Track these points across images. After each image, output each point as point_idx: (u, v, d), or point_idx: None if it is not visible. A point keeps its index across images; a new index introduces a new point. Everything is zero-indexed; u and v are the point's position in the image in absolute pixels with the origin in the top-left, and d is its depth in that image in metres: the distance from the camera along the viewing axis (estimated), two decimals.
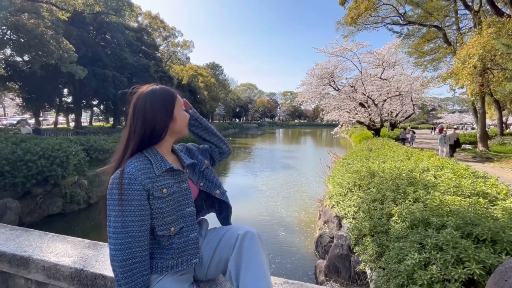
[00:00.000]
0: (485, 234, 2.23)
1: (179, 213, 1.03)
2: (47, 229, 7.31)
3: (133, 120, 1.03)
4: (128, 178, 0.94)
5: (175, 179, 1.05)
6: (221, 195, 1.23)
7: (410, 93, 17.54)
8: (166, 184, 1.01)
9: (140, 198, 0.95)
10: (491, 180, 4.05)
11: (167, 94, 1.07)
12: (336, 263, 4.11)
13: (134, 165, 0.97)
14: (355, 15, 14.48)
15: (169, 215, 1.00)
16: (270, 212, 9.09)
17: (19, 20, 13.70)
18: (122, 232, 0.91)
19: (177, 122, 1.08)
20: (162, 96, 1.05)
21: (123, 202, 0.92)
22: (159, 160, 1.03)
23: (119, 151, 1.06)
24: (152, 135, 1.03)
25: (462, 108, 73.40)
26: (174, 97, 1.08)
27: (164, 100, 1.05)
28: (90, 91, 21.91)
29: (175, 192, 1.03)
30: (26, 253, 1.50)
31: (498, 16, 10.69)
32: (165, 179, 1.02)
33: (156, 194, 0.98)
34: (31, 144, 8.93)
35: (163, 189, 0.99)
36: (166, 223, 1.00)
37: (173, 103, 1.07)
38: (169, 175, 1.04)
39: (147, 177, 0.97)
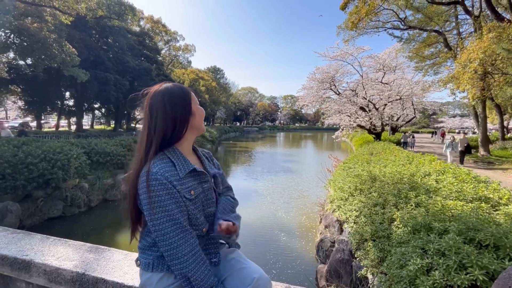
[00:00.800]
0: (487, 240, 2.22)
1: (203, 213, 1.04)
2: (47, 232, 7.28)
3: (151, 118, 1.00)
4: (158, 179, 0.91)
5: (198, 181, 1.04)
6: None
7: (411, 97, 17.56)
8: (192, 186, 1.00)
9: (177, 196, 0.93)
10: (493, 185, 4.03)
11: (183, 89, 1.07)
12: (337, 268, 4.08)
13: (160, 166, 0.94)
14: (356, 20, 14.55)
15: (200, 216, 1.02)
16: (271, 217, 9.05)
17: (23, 24, 13.84)
18: (173, 230, 0.91)
19: (196, 117, 1.07)
20: (179, 92, 1.05)
21: (165, 202, 0.91)
22: (182, 161, 1.01)
23: (140, 153, 1.02)
24: (174, 130, 1.01)
25: (463, 112, 73.37)
26: (189, 92, 1.09)
27: (181, 95, 1.05)
28: (92, 95, 22.01)
29: (200, 194, 1.03)
30: (28, 256, 1.50)
31: (498, 21, 10.73)
32: (189, 181, 1.00)
33: (186, 195, 0.97)
34: (33, 147, 8.95)
35: (190, 191, 0.99)
36: (199, 224, 1.01)
37: (190, 97, 1.07)
38: (192, 177, 1.02)
39: (175, 179, 0.95)
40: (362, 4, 13.74)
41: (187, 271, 0.91)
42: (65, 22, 15.97)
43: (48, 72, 18.23)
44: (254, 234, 7.49)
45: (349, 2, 14.65)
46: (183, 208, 0.95)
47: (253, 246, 6.85)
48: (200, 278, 0.92)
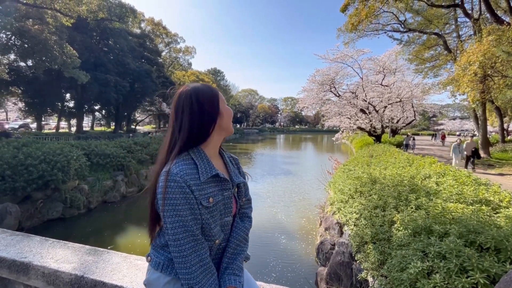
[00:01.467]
0: (488, 243, 2.21)
1: (220, 223, 0.98)
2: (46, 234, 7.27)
3: (178, 117, 0.97)
4: (176, 181, 0.86)
5: (219, 187, 0.97)
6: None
7: (411, 100, 17.58)
8: (212, 193, 0.93)
9: (192, 202, 0.88)
10: (494, 188, 4.02)
11: (211, 89, 1.03)
12: (337, 271, 4.07)
13: (181, 167, 0.89)
14: (356, 22, 14.61)
15: (215, 227, 0.94)
16: (271, 219, 9.03)
17: (24, 26, 13.89)
18: (184, 238, 0.87)
19: (224, 117, 1.01)
20: (207, 90, 1.01)
21: (180, 206, 0.86)
22: (206, 164, 0.95)
23: (163, 153, 0.98)
24: (200, 130, 0.96)
25: (463, 114, 73.41)
26: (218, 92, 1.04)
27: (209, 93, 1.00)
28: (92, 96, 22.03)
29: (219, 202, 0.96)
30: (26, 259, 1.49)
31: (498, 24, 10.77)
32: (210, 186, 0.94)
33: (204, 203, 0.90)
34: (33, 149, 8.95)
35: (209, 198, 0.92)
36: (212, 235, 0.94)
37: (218, 96, 1.02)
38: (213, 182, 0.96)
39: (195, 183, 0.89)
40: (362, 7, 13.80)
41: (193, 283, 0.87)
42: (66, 24, 16.04)
43: (49, 74, 18.27)
44: (255, 237, 7.47)
45: (349, 5, 14.71)
46: (198, 216, 0.89)
47: (254, 249, 6.83)
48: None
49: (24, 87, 19.57)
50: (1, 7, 12.79)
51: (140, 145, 15.14)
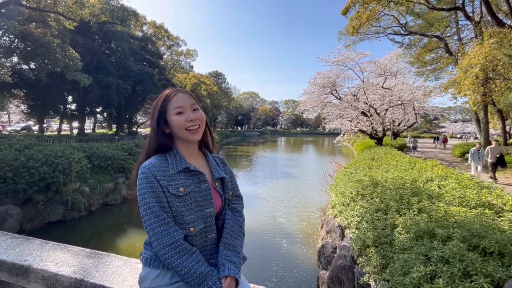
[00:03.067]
0: (492, 247, 2.19)
1: (199, 214, 1.01)
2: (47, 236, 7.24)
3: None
4: (143, 172, 0.97)
5: (193, 180, 1.03)
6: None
7: (412, 102, 17.57)
8: (183, 183, 1.00)
9: (158, 191, 0.96)
10: (497, 191, 4.00)
11: (158, 99, 1.07)
12: (339, 275, 4.03)
13: (150, 161, 1.01)
14: (357, 25, 14.66)
15: (188, 215, 0.99)
16: (272, 223, 8.99)
17: (27, 29, 14.01)
18: (155, 222, 0.94)
19: (173, 129, 1.05)
20: (156, 102, 1.07)
21: (146, 194, 0.96)
22: (177, 159, 1.03)
23: (142, 153, 1.11)
24: (158, 142, 1.05)
25: (464, 117, 73.21)
26: (165, 101, 1.05)
27: (155, 106, 1.07)
28: (94, 99, 22.13)
29: (194, 192, 1.01)
30: (26, 262, 1.48)
31: (499, 26, 10.77)
32: (181, 178, 1.01)
33: (172, 191, 0.98)
34: (34, 151, 8.97)
35: (179, 187, 0.99)
36: (185, 223, 0.98)
37: (164, 107, 1.05)
38: (186, 175, 1.03)
39: (161, 174, 0.98)
40: (363, 10, 13.85)
41: (171, 262, 0.93)
42: (69, 27, 16.16)
43: (51, 77, 18.38)
44: (256, 241, 7.42)
45: (350, 7, 14.76)
46: (165, 204, 0.96)
47: (254, 253, 6.79)
48: (186, 269, 0.92)
49: (26, 89, 19.69)
50: (5, 11, 12.91)
51: (142, 147, 15.15)
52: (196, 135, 1.05)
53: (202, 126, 1.07)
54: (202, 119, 1.07)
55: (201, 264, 0.96)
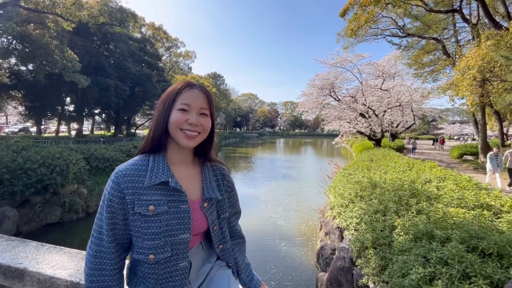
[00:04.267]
0: (491, 248, 2.18)
1: (169, 239, 0.82)
2: (44, 238, 7.16)
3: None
4: (112, 180, 0.82)
5: (170, 197, 0.85)
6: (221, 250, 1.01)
7: (411, 104, 17.63)
8: (155, 201, 0.82)
9: (115, 206, 0.81)
10: (495, 192, 4.00)
11: (174, 87, 0.91)
12: (338, 276, 4.02)
13: (128, 167, 0.84)
14: (355, 27, 14.71)
15: (151, 239, 0.80)
16: (271, 225, 8.96)
17: (25, 31, 13.98)
18: (97, 239, 0.82)
19: (169, 125, 0.88)
20: (171, 89, 0.91)
21: (104, 207, 0.82)
22: (159, 167, 0.85)
23: (139, 147, 0.96)
24: (150, 137, 0.90)
25: (462, 119, 73.59)
26: (178, 92, 0.89)
27: (168, 93, 0.90)
28: (92, 100, 22.08)
29: (166, 213, 0.82)
30: (22, 265, 1.46)
31: (496, 29, 10.84)
32: (155, 194, 0.83)
33: (138, 209, 0.80)
34: (32, 153, 8.93)
35: (149, 205, 0.81)
36: (145, 247, 0.81)
37: (173, 98, 0.88)
38: (162, 190, 0.84)
39: (132, 186, 0.81)
40: (361, 12, 13.91)
41: (88, 286, 0.83)
42: (67, 28, 16.14)
43: (49, 78, 18.33)
44: (254, 244, 7.39)
45: (349, 10, 14.82)
46: (117, 221, 0.81)
47: (253, 256, 6.77)
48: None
49: (24, 91, 19.62)
50: (3, 12, 12.88)
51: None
52: (190, 141, 0.87)
53: (202, 135, 0.90)
54: (206, 127, 0.90)
55: None
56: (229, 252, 1.04)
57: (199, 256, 0.98)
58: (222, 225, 1.01)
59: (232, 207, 1.07)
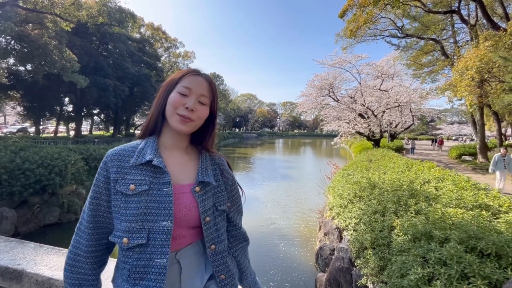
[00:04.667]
0: (489, 249, 2.19)
1: (146, 224, 0.76)
2: (43, 239, 7.12)
3: None
4: (102, 162, 0.82)
5: (152, 178, 0.80)
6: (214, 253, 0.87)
7: (409, 105, 17.68)
8: (137, 180, 0.78)
9: (100, 185, 0.81)
10: (493, 192, 4.01)
11: (181, 71, 0.90)
12: (337, 277, 4.02)
13: (119, 148, 0.84)
14: (354, 28, 14.75)
15: (128, 221, 0.76)
16: (270, 225, 8.96)
17: (24, 31, 13.95)
18: (82, 218, 0.84)
19: (166, 106, 0.85)
20: (177, 73, 0.90)
21: (92, 187, 0.83)
22: (145, 150, 0.83)
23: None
24: (148, 118, 0.90)
25: (461, 119, 73.79)
26: (183, 76, 0.87)
27: (173, 77, 0.89)
28: (91, 100, 22.05)
29: (147, 194, 0.78)
30: (20, 266, 1.46)
31: (494, 29, 10.89)
32: (138, 173, 0.79)
33: (119, 188, 0.78)
34: (30, 153, 8.90)
35: (130, 184, 0.78)
36: (121, 230, 0.77)
37: (176, 82, 0.87)
38: (146, 171, 0.80)
39: (118, 164, 0.80)
40: (360, 13, 13.94)
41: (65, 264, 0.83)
42: (66, 28, 16.11)
43: (48, 78, 18.29)
44: (253, 245, 7.34)
45: (348, 10, 14.85)
46: (101, 202, 0.81)
47: (252, 258, 6.75)
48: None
49: (23, 91, 19.57)
50: (1, 12, 12.84)
51: None
52: (183, 125, 0.83)
53: (196, 123, 0.86)
54: (202, 115, 0.86)
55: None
56: (223, 259, 0.89)
57: (195, 259, 0.86)
58: (218, 220, 0.89)
59: (232, 202, 0.97)
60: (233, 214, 0.99)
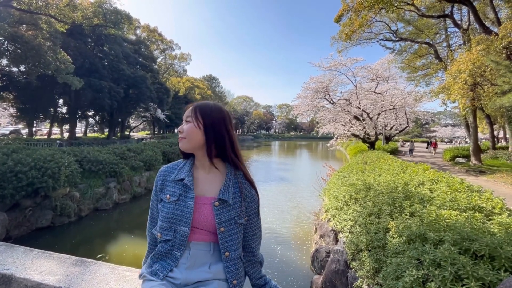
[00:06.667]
0: (483, 250, 2.21)
1: (173, 226, 1.02)
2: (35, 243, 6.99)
3: None
4: (157, 175, 1.14)
5: (182, 192, 1.05)
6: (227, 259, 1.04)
7: (404, 107, 17.86)
8: (172, 192, 1.05)
9: (155, 190, 1.13)
10: (486, 194, 4.05)
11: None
12: (332, 279, 4.02)
13: (167, 166, 1.15)
14: (349, 32, 14.88)
15: (162, 221, 1.04)
16: (266, 229, 8.91)
17: (17, 31, 13.78)
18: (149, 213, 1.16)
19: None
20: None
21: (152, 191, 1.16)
22: (183, 169, 1.10)
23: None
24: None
25: (454, 122, 74.81)
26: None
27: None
28: (85, 102, 21.84)
29: (175, 203, 1.03)
30: (9, 271, 1.43)
31: (486, 34, 11.08)
32: (174, 187, 1.06)
33: (161, 196, 1.08)
34: (23, 155, 8.76)
35: (167, 194, 1.05)
36: (159, 227, 1.06)
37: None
38: (179, 185, 1.06)
39: (163, 179, 1.10)
40: (355, 17, 14.08)
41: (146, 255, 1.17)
42: (61, 30, 15.98)
43: (42, 79, 18.08)
44: None
45: (343, 15, 15.00)
46: (155, 203, 1.13)
47: None
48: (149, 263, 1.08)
49: (16, 92, 19.32)
50: None
51: (134, 151, 14.96)
52: (180, 143, 1.08)
53: (188, 139, 1.06)
54: (188, 131, 1.06)
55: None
56: (235, 265, 1.05)
57: (203, 254, 1.04)
58: (234, 232, 1.05)
59: (249, 217, 1.12)
60: (249, 230, 1.13)
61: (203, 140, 1.05)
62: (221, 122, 1.08)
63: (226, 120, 1.09)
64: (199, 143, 1.06)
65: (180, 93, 39.35)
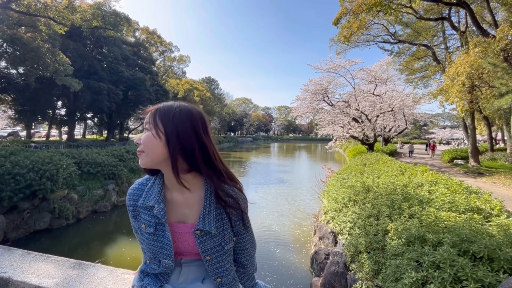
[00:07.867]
0: (481, 252, 2.21)
1: (157, 257, 0.90)
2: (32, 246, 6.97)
3: None
4: (127, 196, 0.94)
5: (157, 220, 0.87)
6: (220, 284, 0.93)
7: (402, 109, 17.92)
8: (146, 221, 0.87)
9: (130, 217, 0.95)
10: (485, 196, 4.06)
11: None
12: (332, 281, 4.00)
13: (133, 187, 0.94)
14: (348, 34, 14.95)
15: (146, 251, 0.92)
16: (265, 231, 8.89)
17: (16, 34, 13.76)
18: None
19: None
20: None
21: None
22: (151, 191, 0.89)
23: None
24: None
25: (452, 124, 75.06)
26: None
27: None
28: (84, 104, 21.79)
29: (153, 235, 0.87)
30: (6, 274, 1.42)
31: (483, 36, 11.15)
32: (147, 214, 0.87)
33: (136, 224, 0.91)
34: (21, 157, 8.73)
35: (142, 223, 0.88)
36: (146, 254, 0.95)
37: None
38: (149, 213, 0.87)
39: (133, 204, 0.91)
40: (354, 19, 14.14)
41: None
42: (60, 32, 15.96)
43: (40, 81, 18.06)
44: None
45: (341, 17, 15.06)
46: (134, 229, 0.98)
47: None
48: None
49: (14, 94, 19.25)
50: None
51: (133, 153, 14.95)
52: (139, 158, 0.84)
53: (146, 153, 0.83)
54: (146, 142, 0.82)
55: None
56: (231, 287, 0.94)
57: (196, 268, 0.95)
58: (222, 258, 0.91)
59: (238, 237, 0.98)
60: (238, 246, 1.00)
61: (165, 153, 0.82)
62: (189, 129, 0.84)
63: (196, 125, 0.85)
64: (161, 157, 0.82)
65: (179, 95, 39.36)
